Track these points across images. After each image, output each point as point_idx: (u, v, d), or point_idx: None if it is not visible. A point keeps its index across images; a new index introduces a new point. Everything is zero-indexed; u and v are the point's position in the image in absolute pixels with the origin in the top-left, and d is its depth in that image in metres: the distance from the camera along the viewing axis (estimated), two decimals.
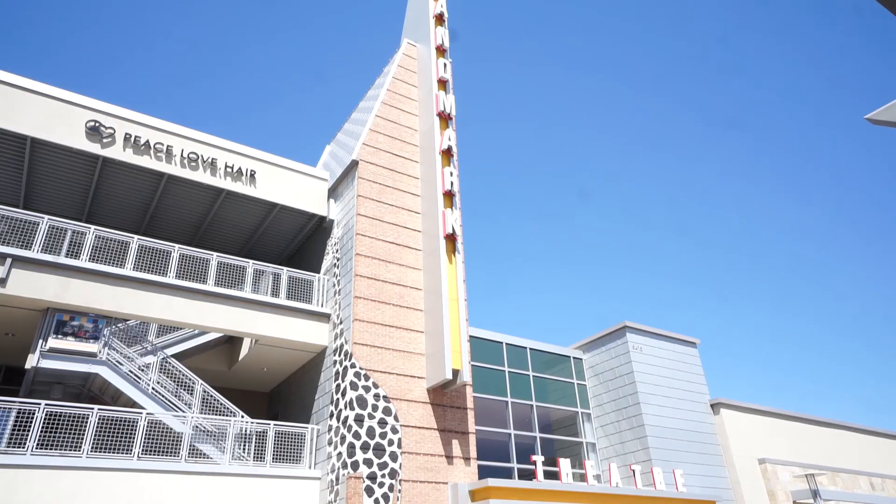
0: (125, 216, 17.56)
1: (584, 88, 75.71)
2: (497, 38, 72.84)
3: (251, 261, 16.27)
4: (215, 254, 15.78)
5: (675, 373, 20.54)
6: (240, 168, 16.86)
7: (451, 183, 17.20)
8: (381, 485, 13.66)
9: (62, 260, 13.46)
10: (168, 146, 15.90)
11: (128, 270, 14.18)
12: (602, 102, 75.30)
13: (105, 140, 15.10)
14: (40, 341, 13.08)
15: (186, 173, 16.08)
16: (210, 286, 15.09)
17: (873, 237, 69.01)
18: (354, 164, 17.35)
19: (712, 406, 20.69)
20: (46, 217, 13.87)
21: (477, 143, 69.39)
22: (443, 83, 18.89)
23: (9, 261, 12.85)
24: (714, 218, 72.82)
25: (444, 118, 18.34)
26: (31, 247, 13.37)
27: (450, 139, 17.88)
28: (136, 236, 14.81)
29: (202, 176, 16.30)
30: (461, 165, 18.38)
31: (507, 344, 19.80)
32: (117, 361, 14.05)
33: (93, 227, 14.34)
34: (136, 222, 17.79)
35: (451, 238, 16.62)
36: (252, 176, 17.02)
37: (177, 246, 15.25)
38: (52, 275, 13.30)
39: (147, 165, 15.57)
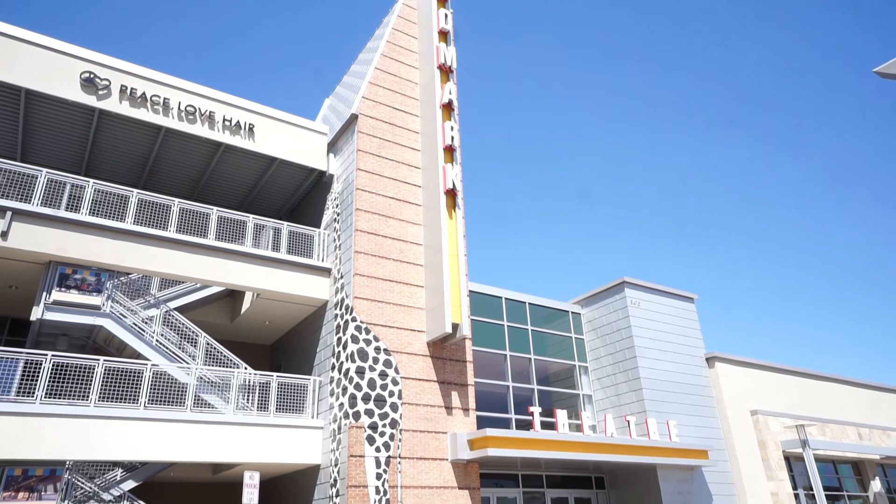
0: (124, 170, 17.46)
1: (585, 31, 74.20)
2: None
3: (251, 215, 16.27)
4: (215, 208, 15.77)
5: (672, 327, 20.81)
6: (238, 121, 16.68)
7: (452, 138, 17.05)
8: (382, 434, 14.02)
9: (62, 213, 13.46)
10: (165, 99, 15.70)
11: (128, 224, 14.19)
12: (602, 56, 73.91)
13: (101, 92, 14.89)
14: (44, 294, 13.21)
15: (184, 126, 15.92)
16: (211, 240, 15.14)
17: (869, 198, 68.86)
18: (354, 117, 17.16)
19: (707, 360, 21.04)
20: (45, 170, 13.80)
21: (478, 98, 68.43)
22: (444, 34, 18.51)
23: (9, 214, 12.86)
24: (715, 176, 72.46)
25: (445, 71, 18.04)
26: (30, 200, 13.35)
27: (450, 93, 17.64)
28: (135, 190, 14.77)
29: (200, 129, 16.14)
30: (462, 120, 18.19)
31: (506, 299, 19.99)
32: (121, 314, 14.22)
33: (92, 180, 14.28)
34: (135, 176, 17.71)
35: (451, 193, 16.58)
36: (251, 130, 16.85)
37: (177, 200, 15.23)
38: (53, 228, 13.33)
39: (144, 118, 15.40)
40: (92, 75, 14.76)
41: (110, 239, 13.90)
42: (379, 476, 13.59)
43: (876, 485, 23.46)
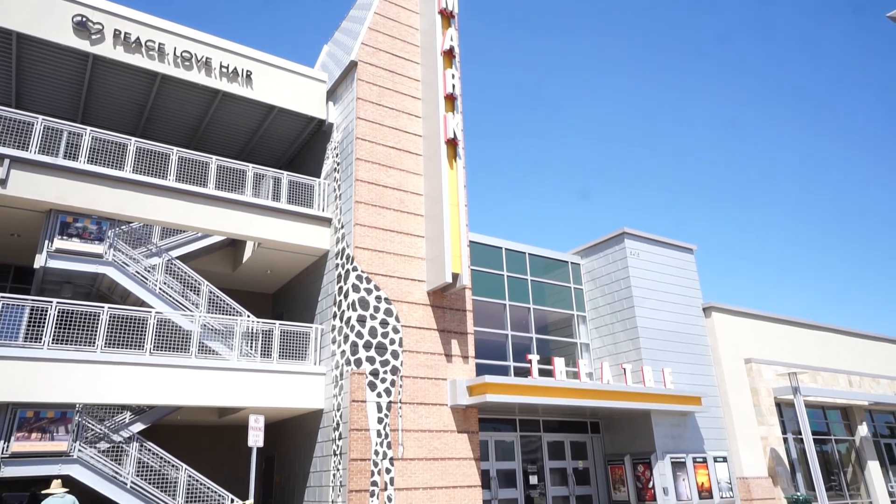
0: (121, 118, 17.26)
1: None
2: None
3: (251, 164, 16.18)
4: (214, 157, 15.67)
5: (671, 278, 20.98)
6: (235, 68, 16.39)
7: (453, 86, 16.78)
8: (384, 380, 14.35)
9: (60, 161, 13.39)
10: (160, 44, 15.37)
11: (127, 173, 14.14)
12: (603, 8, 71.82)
13: (94, 36, 14.58)
14: (46, 242, 13.28)
15: (180, 73, 15.65)
16: (211, 190, 15.12)
17: (869, 149, 68.16)
18: (353, 64, 16.84)
19: (704, 310, 21.30)
20: (41, 117, 13.66)
21: (480, 45, 66.87)
22: None
23: (7, 161, 12.79)
24: (716, 128, 71.54)
25: (446, 16, 17.59)
26: (28, 148, 13.26)
27: (452, 39, 17.24)
28: (133, 138, 14.64)
29: (197, 76, 15.87)
30: (463, 68, 17.85)
31: (506, 249, 20.07)
32: (123, 263, 14.33)
33: (89, 128, 14.15)
34: (132, 124, 17.52)
35: (452, 143, 16.44)
36: (248, 77, 16.57)
37: (175, 149, 15.12)
38: (52, 176, 13.28)
39: (139, 64, 15.13)
40: (84, 19, 14.42)
41: (110, 187, 13.87)
42: (380, 420, 13.98)
43: (863, 429, 24.14)
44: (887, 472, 24.47)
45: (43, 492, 10.79)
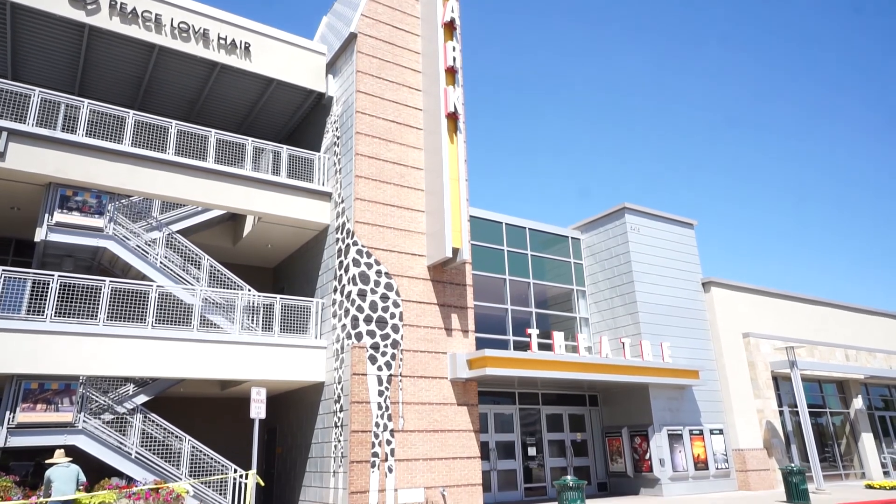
0: (118, 91, 17.11)
1: None
2: None
3: (250, 138, 16.08)
4: (214, 131, 15.57)
5: (671, 253, 21.00)
6: (233, 40, 16.19)
7: (454, 59, 16.59)
8: (384, 354, 14.47)
9: (59, 134, 13.31)
10: (157, 15, 15.17)
11: (126, 146, 14.06)
12: None
13: (90, 7, 14.37)
14: (46, 215, 13.27)
15: (178, 45, 15.47)
16: (210, 163, 15.05)
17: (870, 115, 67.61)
18: (353, 36, 16.63)
19: (703, 285, 21.37)
20: (38, 90, 13.53)
21: (480, 17, 65.88)
22: None
23: (4, 134, 12.71)
24: (717, 102, 70.86)
25: None
26: (25, 120, 13.17)
27: (452, 10, 16.99)
28: (131, 111, 14.54)
29: (194, 48, 15.69)
30: (464, 41, 17.61)
31: (506, 224, 20.06)
32: (124, 236, 14.33)
33: (87, 100, 14.03)
34: (129, 97, 17.37)
35: (452, 117, 16.32)
36: (247, 49, 16.38)
37: (174, 122, 15.02)
38: (51, 149, 13.22)
39: (136, 36, 14.94)
40: None
41: (109, 161, 13.81)
42: (381, 393, 14.13)
43: (858, 402, 24.42)
44: (880, 443, 24.83)
45: (47, 461, 10.96)
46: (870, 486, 19.78)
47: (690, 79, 71.59)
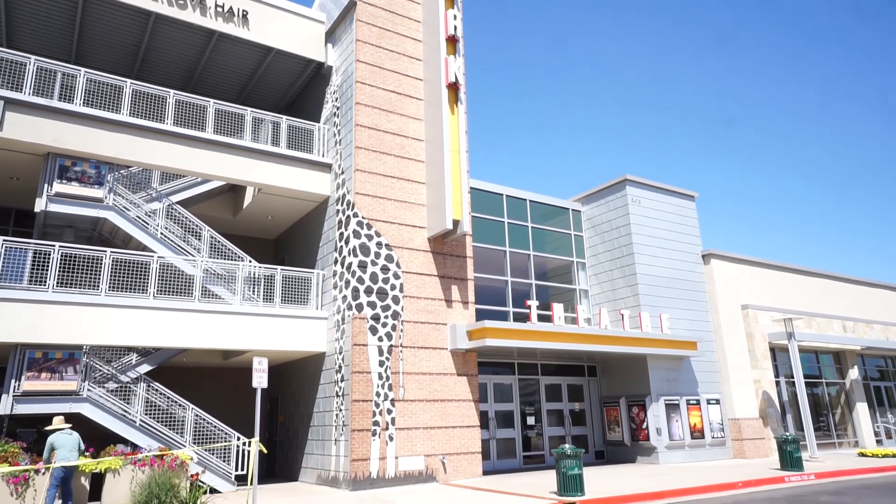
0: (115, 60, 16.90)
1: None
2: None
3: (249, 108, 15.95)
4: (212, 101, 15.43)
5: (671, 225, 20.98)
6: (231, 8, 15.94)
7: (455, 27, 16.35)
8: (385, 325, 14.58)
9: (56, 104, 13.20)
10: None
11: (124, 116, 13.96)
12: None
13: None
14: (45, 185, 13.23)
15: (174, 12, 15.24)
16: (209, 134, 14.95)
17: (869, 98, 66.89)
18: (352, 4, 16.36)
19: (703, 257, 21.40)
20: (34, 58, 13.37)
21: None
22: None
23: (1, 103, 12.61)
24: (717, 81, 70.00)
25: None
26: (22, 89, 13.05)
27: None
28: (129, 80, 14.38)
29: (191, 16, 15.46)
30: (464, 9, 17.33)
31: (507, 196, 20.00)
32: (124, 207, 14.32)
33: (83, 69, 13.87)
34: (127, 67, 17.17)
35: (453, 87, 16.15)
36: (244, 17, 16.14)
37: (172, 91, 14.87)
38: (48, 119, 13.12)
39: (132, 3, 14.73)
40: None
41: (107, 131, 13.73)
42: (381, 363, 14.28)
43: (854, 373, 24.67)
44: (874, 413, 25.16)
45: (47, 428, 11.14)
46: (862, 455, 20.11)
47: (692, 57, 70.62)
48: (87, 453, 11.67)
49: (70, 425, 10.90)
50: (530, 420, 18.47)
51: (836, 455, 20.90)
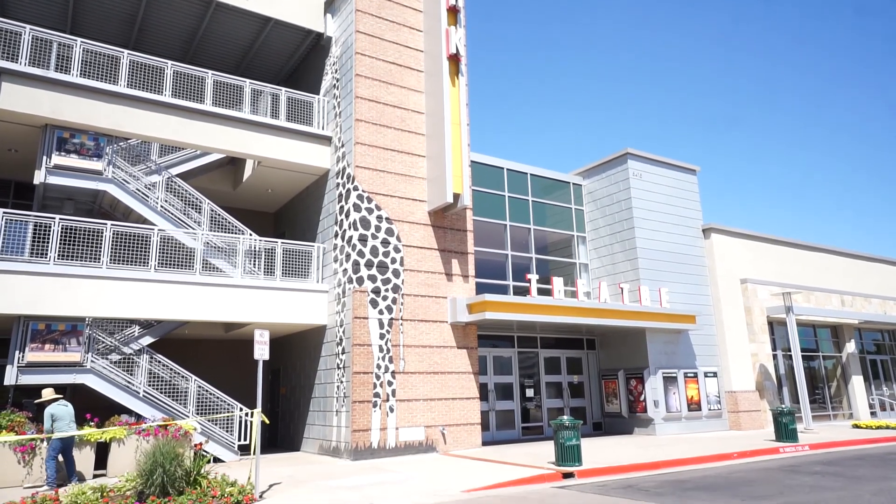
0: (111, 30, 16.66)
1: None
2: None
3: (248, 80, 15.78)
4: (210, 72, 15.26)
5: (672, 199, 20.93)
6: None
7: None
8: (385, 298, 14.64)
9: (52, 74, 13.06)
10: None
11: (122, 87, 13.82)
12: None
13: None
14: (44, 158, 13.17)
15: None
16: (208, 106, 14.82)
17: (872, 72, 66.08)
18: None
19: (704, 231, 21.39)
20: (29, 27, 13.19)
21: None
22: None
23: None
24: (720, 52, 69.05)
25: None
26: (17, 59, 12.90)
27: None
28: (126, 51, 14.21)
29: None
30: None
31: (507, 169, 19.90)
32: (123, 180, 14.27)
33: (80, 39, 13.70)
34: (123, 37, 16.94)
35: (454, 59, 15.96)
36: None
37: (170, 62, 14.70)
38: (45, 90, 13.00)
39: None
40: None
41: (105, 102, 13.61)
42: (382, 336, 14.39)
43: (850, 346, 24.86)
44: (870, 386, 25.44)
45: (38, 401, 11.31)
46: (856, 426, 20.38)
47: (695, 34, 69.56)
48: (92, 423, 11.83)
49: (62, 396, 11.07)
50: (529, 392, 18.68)
51: (831, 427, 21.18)
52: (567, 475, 10.90)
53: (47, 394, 11.08)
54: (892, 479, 10.36)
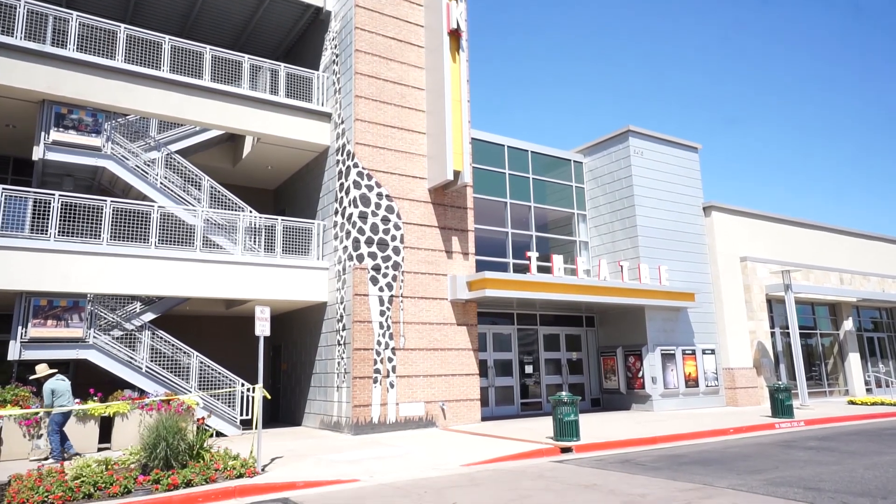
0: (107, 3, 16.45)
1: None
2: None
3: (246, 55, 15.62)
4: (208, 47, 15.10)
5: (673, 177, 20.86)
6: None
7: None
8: (385, 275, 14.69)
9: (49, 49, 12.93)
10: None
11: (119, 63, 13.69)
12: None
13: None
14: (42, 133, 13.10)
15: None
16: (206, 81, 14.70)
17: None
18: None
19: (704, 209, 21.36)
20: (24, 0, 13.02)
21: None
22: None
23: None
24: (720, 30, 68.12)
25: None
26: (13, 33, 12.76)
27: None
28: (123, 25, 14.06)
29: None
30: None
31: (508, 147, 19.80)
32: (122, 156, 14.21)
33: (75, 13, 13.53)
34: (119, 11, 16.73)
35: (455, 34, 15.79)
36: None
37: (167, 37, 14.54)
38: (41, 65, 12.88)
39: None
40: None
41: (102, 78, 13.50)
42: (382, 313, 14.46)
43: (848, 324, 24.99)
44: (866, 363, 25.63)
45: (32, 377, 11.44)
46: (852, 403, 20.58)
47: (699, 13, 68.56)
48: (96, 398, 11.97)
49: (57, 371, 11.19)
50: (528, 369, 18.83)
51: (827, 403, 21.39)
52: (565, 450, 11.05)
53: (42, 369, 11.21)
54: (885, 453, 10.50)
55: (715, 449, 11.44)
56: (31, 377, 11.59)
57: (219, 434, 13.58)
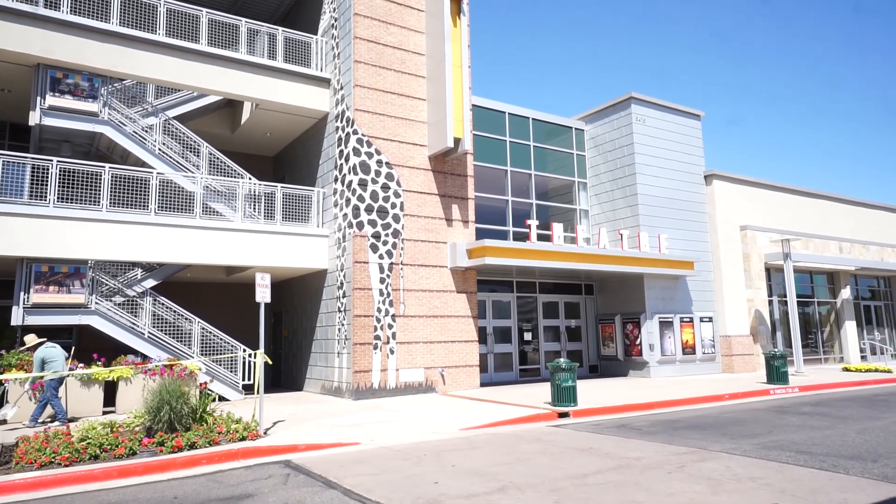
0: None
1: None
2: None
3: (244, 19, 15.36)
4: (205, 10, 14.83)
5: (675, 144, 20.71)
6: None
7: None
8: (385, 243, 14.71)
9: (42, 11, 12.71)
10: None
11: (114, 26, 13.47)
12: None
13: None
14: (38, 98, 12.97)
15: None
16: (203, 46, 14.48)
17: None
18: None
19: (705, 177, 21.26)
20: None
21: None
22: None
23: None
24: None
25: None
26: None
27: None
28: None
29: None
30: None
31: (509, 114, 19.62)
32: (120, 122, 14.09)
33: None
34: None
35: None
36: None
37: (163, 0, 14.27)
38: (35, 27, 12.68)
39: None
40: None
41: (97, 41, 13.29)
42: (382, 280, 14.53)
43: (846, 292, 25.13)
44: (862, 331, 25.86)
45: (22, 348, 11.55)
46: (846, 369, 20.82)
47: None
48: (99, 363, 12.11)
49: (46, 339, 11.30)
50: (527, 336, 19.00)
51: (822, 370, 21.65)
52: (562, 415, 11.23)
53: (31, 339, 11.34)
54: (877, 418, 10.68)
55: (710, 414, 11.63)
56: (21, 348, 11.68)
57: (221, 398, 13.78)
